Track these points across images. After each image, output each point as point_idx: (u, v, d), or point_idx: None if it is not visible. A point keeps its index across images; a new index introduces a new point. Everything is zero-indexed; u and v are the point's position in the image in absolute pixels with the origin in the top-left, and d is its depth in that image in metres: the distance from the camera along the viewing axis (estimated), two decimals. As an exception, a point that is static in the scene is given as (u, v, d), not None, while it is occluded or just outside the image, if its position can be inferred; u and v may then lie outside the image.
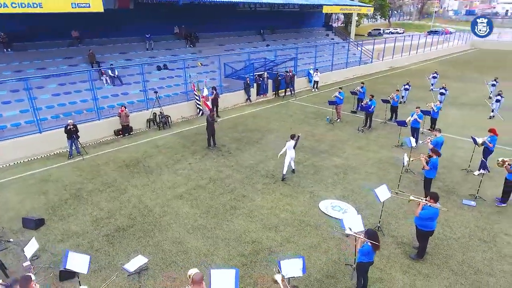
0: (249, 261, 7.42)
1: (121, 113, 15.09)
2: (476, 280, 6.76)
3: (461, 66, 34.90)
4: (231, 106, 20.36)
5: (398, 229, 8.40)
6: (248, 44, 29.23)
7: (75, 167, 12.25)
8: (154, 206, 9.66)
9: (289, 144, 10.89)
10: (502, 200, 9.29)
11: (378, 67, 32.43)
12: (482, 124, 16.28)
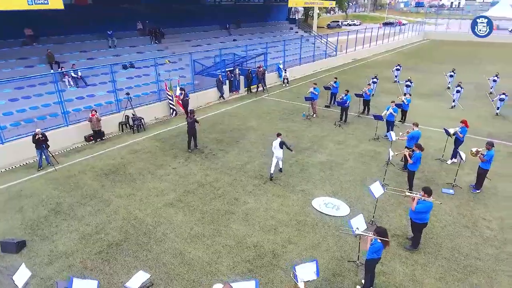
0: (254, 266, 7.42)
1: (92, 117, 14.20)
2: (467, 265, 7.33)
3: (417, 57, 37.01)
4: (204, 105, 19.99)
5: (390, 222, 8.83)
6: (215, 40, 28.73)
7: (48, 179, 11.40)
8: (145, 216, 9.28)
9: (275, 143, 10.94)
10: (476, 186, 10.10)
11: (343, 60, 33.44)
12: (445, 113, 17.51)
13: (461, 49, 42.66)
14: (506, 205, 9.50)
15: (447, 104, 18.62)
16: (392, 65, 28.81)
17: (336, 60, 32.55)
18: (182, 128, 15.92)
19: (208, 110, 18.76)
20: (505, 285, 6.81)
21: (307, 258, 7.59)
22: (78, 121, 14.99)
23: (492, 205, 9.48)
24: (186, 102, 17.44)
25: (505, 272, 7.13)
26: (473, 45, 45.41)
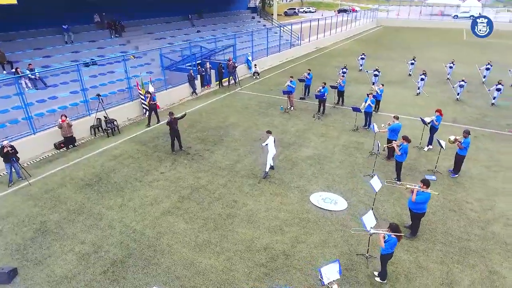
0: (270, 270, 7.51)
1: (63, 123, 13.15)
2: (461, 247, 8.04)
3: (375, 44, 38.67)
4: (178, 102, 19.37)
5: (386, 212, 9.35)
6: (178, 32, 27.66)
7: (24, 196, 10.45)
8: (143, 228, 8.92)
9: (269, 140, 10.96)
10: (455, 171, 10.98)
11: (307, 49, 33.98)
12: (413, 101, 18.63)
13: (412, 35, 45.29)
14: (481, 186, 10.48)
15: (413, 92, 19.81)
16: (354, 54, 29.89)
17: (301, 49, 32.98)
18: (159, 128, 15.37)
19: (183, 108, 18.17)
20: (496, 262, 7.58)
21: (318, 256, 7.85)
22: (45, 127, 13.81)
23: (470, 187, 10.40)
24: (153, 106, 15.73)
25: (494, 250, 7.93)
26: (422, 31, 48.46)
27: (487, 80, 21.35)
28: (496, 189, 10.27)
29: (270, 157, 11.08)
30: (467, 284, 7.04)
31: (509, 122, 15.33)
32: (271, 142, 10.94)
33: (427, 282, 7.10)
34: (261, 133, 14.45)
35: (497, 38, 42.12)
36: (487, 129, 14.61)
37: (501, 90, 16.89)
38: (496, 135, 13.99)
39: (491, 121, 15.49)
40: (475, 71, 22.92)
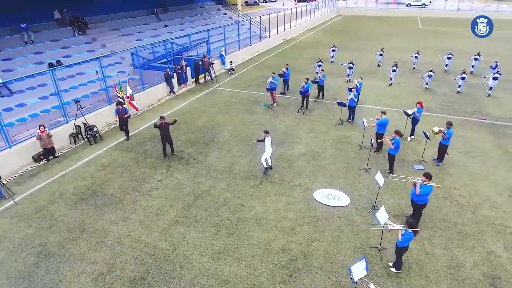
0: (292, 271, 7.75)
1: (42, 134, 12.27)
2: (459, 231, 8.83)
3: (339, 34, 39.74)
4: (156, 102, 18.75)
5: (386, 203, 9.91)
6: (145, 27, 26.50)
7: (13, 217, 9.73)
8: (155, 241, 8.74)
9: (267, 140, 11.07)
10: (439, 160, 11.88)
11: (275, 41, 34.13)
12: (387, 91, 19.58)
13: (373, 25, 47.10)
14: (464, 173, 11.47)
15: (385, 82, 20.81)
16: (322, 45, 30.57)
17: (270, 42, 33.08)
18: (142, 133, 14.86)
19: (163, 109, 17.66)
20: (490, 242, 8.45)
21: (334, 253, 8.22)
22: (21, 139, 12.79)
23: (455, 174, 11.34)
24: (125, 120, 13.94)
25: (486, 232, 8.80)
26: (381, 20, 50.61)
27: (449, 68, 22.99)
28: (476, 174, 11.30)
29: (267, 156, 11.25)
30: (470, 265, 7.80)
31: (475, 108, 16.74)
32: (268, 142, 11.06)
33: (436, 267, 7.76)
34: (251, 132, 14.56)
35: (447, 26, 45.23)
36: (458, 116, 15.85)
37: (465, 78, 18.31)
38: (466, 122, 15.25)
39: (459, 108, 16.81)
40: (437, 59, 24.58)
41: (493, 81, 17.94)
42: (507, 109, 16.59)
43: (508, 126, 14.80)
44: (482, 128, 14.69)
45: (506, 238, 8.55)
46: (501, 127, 14.74)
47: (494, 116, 15.73)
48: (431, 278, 7.50)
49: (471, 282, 7.38)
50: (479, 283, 7.36)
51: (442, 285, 7.30)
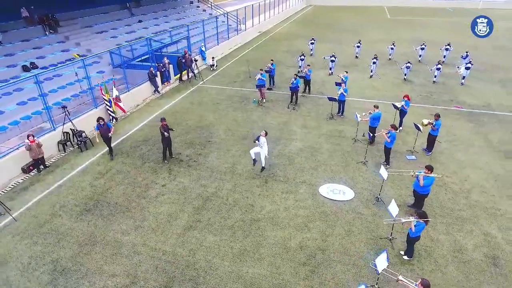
0: (313, 267, 8.11)
1: (32, 144, 11.67)
2: (457, 217, 9.59)
3: (312, 26, 40.27)
4: (142, 102, 18.28)
5: (388, 195, 10.51)
6: (119, 23, 25.44)
7: (15, 234, 9.30)
8: (173, 248, 8.74)
9: (263, 139, 11.21)
10: (429, 149, 12.68)
11: (252, 34, 34.04)
12: (369, 83, 20.30)
13: (344, 15, 48.10)
14: (452, 161, 12.34)
15: (365, 74, 21.56)
16: (298, 37, 30.94)
17: (247, 35, 32.94)
18: (135, 135, 14.58)
19: (151, 110, 17.27)
20: (486, 225, 9.27)
21: (349, 246, 8.67)
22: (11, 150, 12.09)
23: (444, 162, 12.18)
24: (106, 134, 12.56)
25: (480, 216, 9.63)
26: (350, 10, 51.81)
27: (423, 58, 24.20)
28: (463, 162, 12.21)
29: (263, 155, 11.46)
30: (472, 248, 8.55)
31: (451, 98, 17.88)
32: (264, 142, 11.19)
33: (443, 252, 8.44)
34: (245, 130, 14.69)
35: (413, 15, 47.20)
36: (437, 106, 16.87)
37: (441, 69, 19.42)
38: (446, 111, 16.26)
39: (437, 98, 17.87)
40: (411, 50, 25.76)
41: (465, 70, 19.17)
42: (480, 97, 17.88)
43: (483, 113, 16.00)
44: (460, 116, 15.77)
45: (498, 220, 9.42)
46: (478, 115, 15.90)
47: (470, 105, 16.92)
48: (440, 262, 8.15)
49: (475, 263, 8.12)
50: (482, 263, 8.11)
51: (451, 268, 7.98)
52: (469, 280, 7.69)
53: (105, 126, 12.51)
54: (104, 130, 12.55)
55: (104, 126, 12.49)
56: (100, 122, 12.50)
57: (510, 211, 9.76)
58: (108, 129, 12.55)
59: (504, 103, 17.19)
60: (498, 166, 12.00)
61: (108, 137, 12.67)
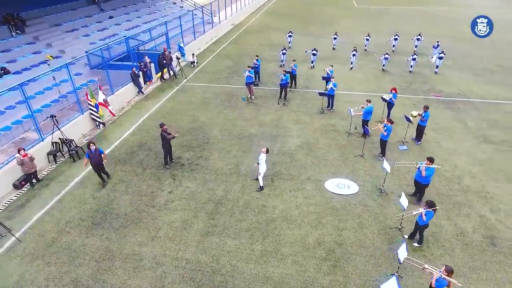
0: (334, 261, 8.54)
1: (24, 158, 11.05)
2: (454, 202, 10.43)
3: (284, 17, 40.37)
4: (127, 105, 17.71)
5: (388, 186, 11.17)
6: (89, 20, 24.13)
7: (23, 256, 8.88)
8: (195, 255, 8.80)
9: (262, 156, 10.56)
10: (418, 139, 13.52)
11: (226, 27, 33.62)
12: (351, 76, 20.95)
13: (312, 5, 48.60)
14: (440, 148, 13.26)
15: (345, 66, 22.21)
16: (273, 29, 31.10)
17: (221, 28, 32.50)
18: (129, 140, 14.22)
19: (139, 112, 16.78)
20: (480, 208, 10.19)
21: (364, 238, 9.19)
22: None
23: (433, 151, 13.06)
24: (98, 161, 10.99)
25: (473, 199, 10.55)
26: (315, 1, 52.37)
27: (396, 48, 25.29)
28: (450, 149, 13.18)
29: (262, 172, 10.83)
30: (471, 230, 9.40)
31: (429, 87, 18.99)
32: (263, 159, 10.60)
33: (447, 236, 9.21)
34: (240, 129, 14.77)
35: (379, 4, 48.71)
36: (417, 95, 17.88)
37: (416, 59, 20.49)
38: (426, 100, 17.30)
39: (416, 88, 18.91)
40: (384, 40, 26.80)
41: (438, 60, 20.38)
42: (454, 85, 19.16)
43: (459, 101, 17.21)
44: (439, 104, 16.87)
45: (489, 203, 10.38)
46: (454, 102, 17.08)
47: (447, 93, 18.10)
48: (446, 246, 8.91)
49: (476, 244, 8.96)
50: (482, 244, 8.97)
51: (457, 251, 8.76)
52: (474, 261, 8.51)
53: (97, 153, 10.87)
54: (96, 158, 10.84)
55: (95, 153, 10.82)
56: (90, 148, 10.69)
57: (497, 193, 10.78)
58: (100, 156, 10.99)
59: (475, 90, 18.57)
60: (479, 151, 13.10)
61: (100, 165, 11.10)
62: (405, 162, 11.76)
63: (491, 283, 7.93)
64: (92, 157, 10.82)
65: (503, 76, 20.93)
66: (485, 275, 8.11)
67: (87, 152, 10.83)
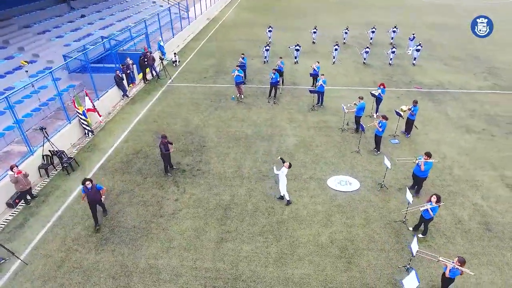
0: (348, 258, 8.94)
1: (19, 175, 10.52)
2: (448, 192, 11.15)
3: (258, 10, 40.16)
4: (113, 109, 17.15)
5: (386, 180, 11.68)
6: (60, 20, 22.95)
7: (34, 279, 8.57)
8: (212, 263, 8.88)
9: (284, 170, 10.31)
10: (408, 132, 14.20)
11: (202, 22, 33.04)
12: (335, 70, 21.37)
13: None
14: (428, 140, 14.01)
15: (328, 61, 22.63)
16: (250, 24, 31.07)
17: (198, 24, 31.90)
18: (123, 148, 13.84)
19: (128, 117, 16.30)
20: (472, 197, 10.97)
21: (372, 234, 9.66)
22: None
23: (422, 142, 13.80)
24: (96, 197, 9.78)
25: (465, 188, 11.33)
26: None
27: (373, 41, 26.05)
28: (437, 140, 13.97)
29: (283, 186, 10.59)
30: (467, 218, 10.15)
31: (409, 79, 19.84)
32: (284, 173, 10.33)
33: (447, 225, 9.89)
34: (235, 130, 14.82)
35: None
36: (400, 88, 18.66)
37: (395, 52, 21.27)
38: (408, 93, 18.11)
39: (397, 80, 19.70)
40: (362, 32, 27.48)
41: (416, 52, 21.28)
42: (433, 76, 20.15)
43: (439, 92, 18.17)
44: (422, 96, 17.72)
45: (479, 190, 11.21)
46: (435, 94, 18.01)
47: (427, 84, 19.02)
48: (448, 235, 9.58)
49: (474, 231, 9.70)
50: (479, 230, 9.73)
51: (458, 239, 9.45)
52: (474, 247, 9.23)
53: (94, 189, 9.63)
54: (93, 195, 9.61)
55: (92, 190, 9.58)
56: (86, 185, 9.49)
57: (485, 181, 11.64)
58: (99, 192, 9.76)
59: (451, 80, 19.65)
60: (463, 141, 14.00)
61: (98, 201, 9.95)
62: (405, 158, 12.34)
63: (491, 266, 8.67)
64: (89, 194, 9.62)
65: (472, 64, 22.23)
66: (485, 260, 8.84)
67: (82, 188, 9.66)
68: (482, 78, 19.96)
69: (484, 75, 20.39)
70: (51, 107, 16.00)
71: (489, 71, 21.03)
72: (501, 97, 17.64)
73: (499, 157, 12.87)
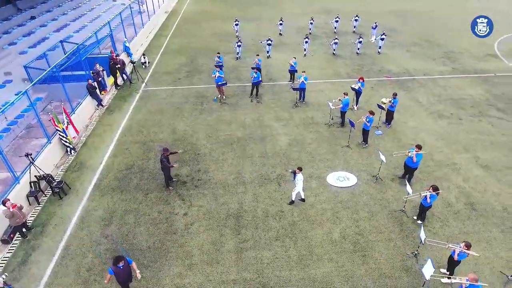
0: (362, 252, 9.68)
1: (14, 209, 9.82)
2: (434, 178, 12.31)
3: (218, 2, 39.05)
4: (90, 122, 16.24)
5: (381, 171, 12.58)
6: (8, 24, 20.98)
7: (59, 319, 8.28)
8: (238, 275, 9.14)
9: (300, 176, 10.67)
10: (389, 123, 15.22)
11: (161, 16, 31.70)
12: (308, 63, 21.79)
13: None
14: (407, 129, 15.14)
15: (299, 53, 23.02)
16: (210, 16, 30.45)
17: (158, 18, 30.55)
18: (113, 165, 13.29)
19: (109, 129, 15.56)
20: (455, 179, 12.22)
21: (379, 226, 10.49)
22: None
23: (403, 131, 14.91)
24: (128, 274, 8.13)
25: (448, 172, 12.57)
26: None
27: (337, 30, 26.90)
28: (415, 128, 15.16)
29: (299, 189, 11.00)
30: (455, 201, 11.36)
31: (379, 68, 20.98)
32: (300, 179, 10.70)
33: (440, 210, 11.01)
34: (225, 133, 14.89)
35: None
36: (371, 78, 19.71)
37: (362, 42, 22.27)
38: (380, 82, 19.22)
39: (369, 70, 20.75)
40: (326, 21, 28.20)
41: (380, 41, 22.46)
42: (399, 64, 21.48)
43: (407, 79, 19.51)
44: (393, 85, 18.92)
45: (460, 173, 12.52)
46: (404, 81, 19.32)
47: (396, 73, 20.28)
48: (442, 218, 10.71)
49: (463, 212, 10.93)
50: (466, 210, 10.98)
51: (451, 221, 10.60)
52: (465, 226, 10.44)
53: (126, 266, 7.84)
54: (123, 274, 7.92)
55: (124, 268, 7.79)
56: (119, 264, 7.66)
57: (463, 163, 13.00)
58: (129, 268, 8.05)
59: (416, 67, 21.13)
60: (437, 126, 15.35)
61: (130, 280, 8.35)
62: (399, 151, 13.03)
63: (483, 243, 9.92)
64: (119, 272, 7.83)
65: (431, 50, 24.01)
66: (477, 237, 10.08)
67: (110, 269, 7.79)
68: (441, 63, 21.71)
69: (442, 60, 22.18)
70: (21, 125, 14.80)
71: (447, 55, 22.88)
72: (460, 81, 19.41)
73: (469, 140, 14.37)
